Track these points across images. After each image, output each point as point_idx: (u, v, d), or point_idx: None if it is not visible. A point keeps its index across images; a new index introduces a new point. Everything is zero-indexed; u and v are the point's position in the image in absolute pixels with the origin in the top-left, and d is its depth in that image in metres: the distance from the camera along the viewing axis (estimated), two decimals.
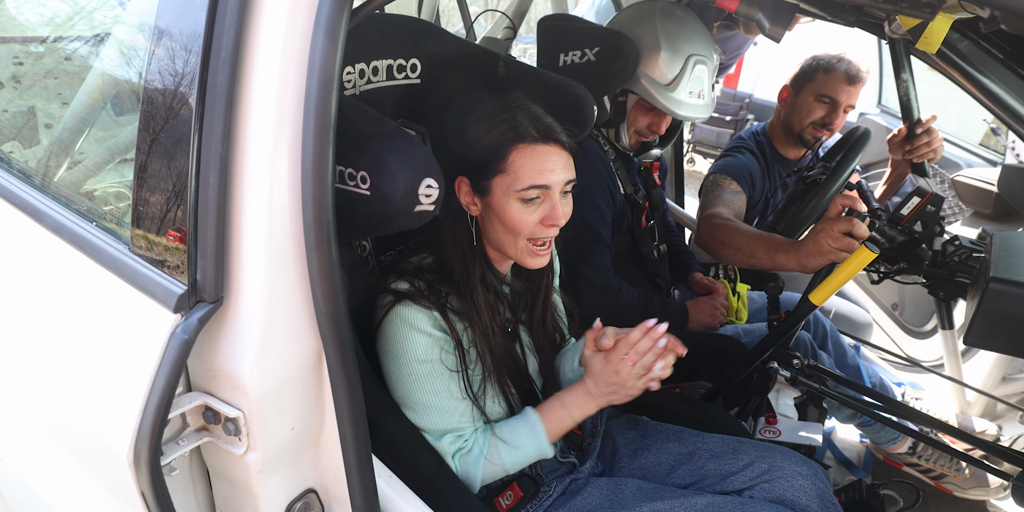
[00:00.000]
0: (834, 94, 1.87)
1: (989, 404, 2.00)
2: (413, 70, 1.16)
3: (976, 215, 2.34)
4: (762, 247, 1.47)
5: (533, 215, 0.99)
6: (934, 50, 1.12)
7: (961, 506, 1.88)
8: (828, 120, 1.90)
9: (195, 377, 0.78)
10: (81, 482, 0.91)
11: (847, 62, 1.88)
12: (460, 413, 1.01)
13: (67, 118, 1.23)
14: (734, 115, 5.44)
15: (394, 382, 1.00)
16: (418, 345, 0.97)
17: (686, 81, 1.53)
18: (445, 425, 1.00)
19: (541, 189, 0.97)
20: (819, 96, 1.89)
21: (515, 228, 0.99)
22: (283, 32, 0.67)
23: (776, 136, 2.04)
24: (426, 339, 0.98)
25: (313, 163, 0.68)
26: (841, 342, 1.86)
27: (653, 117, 1.59)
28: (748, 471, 1.09)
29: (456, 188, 1.01)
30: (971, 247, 1.34)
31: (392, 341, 0.98)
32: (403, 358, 0.98)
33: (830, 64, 1.89)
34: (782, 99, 2.00)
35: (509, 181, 0.97)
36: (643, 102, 1.57)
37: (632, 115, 1.60)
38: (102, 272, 0.80)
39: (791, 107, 1.96)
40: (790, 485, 1.06)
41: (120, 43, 1.05)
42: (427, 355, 0.98)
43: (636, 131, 1.62)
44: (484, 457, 1.02)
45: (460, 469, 1.02)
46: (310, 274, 0.72)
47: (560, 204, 1.00)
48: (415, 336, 0.97)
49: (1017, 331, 1.03)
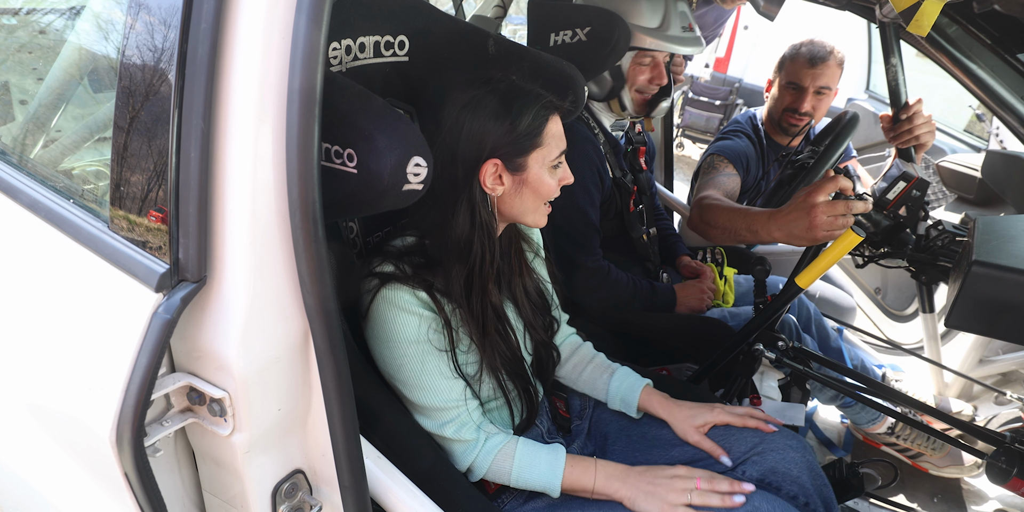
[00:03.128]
0: (798, 80, 1.92)
1: (966, 385, 2.05)
2: (401, 47, 1.13)
3: (960, 200, 2.37)
4: (743, 223, 1.46)
5: (555, 178, 1.06)
6: (925, 33, 1.12)
7: (936, 484, 1.94)
8: (796, 105, 1.95)
9: (179, 358, 0.77)
10: (64, 465, 0.90)
11: (811, 45, 1.91)
12: (453, 392, 1.01)
13: (42, 94, 1.20)
14: (724, 100, 5.44)
15: (385, 364, 1.00)
16: (407, 326, 0.97)
17: (674, 17, 1.55)
18: (439, 403, 1.00)
19: (562, 154, 1.05)
20: (787, 84, 1.95)
21: (547, 194, 1.05)
22: (265, 2, 0.64)
23: (767, 125, 2.09)
24: (414, 320, 0.97)
25: (298, 140, 0.66)
26: (825, 325, 1.89)
27: (651, 70, 1.59)
28: (740, 445, 1.11)
29: (480, 175, 0.98)
30: (954, 231, 1.36)
31: (380, 323, 0.98)
32: (393, 340, 0.98)
33: (795, 50, 1.93)
34: (767, 90, 2.05)
35: (544, 153, 1.02)
36: (639, 58, 1.56)
37: (631, 75, 1.59)
38: (81, 250, 0.78)
39: (771, 98, 2.01)
40: (781, 457, 1.08)
41: (96, 16, 1.02)
42: (416, 336, 0.98)
43: (637, 90, 1.61)
44: (496, 453, 1.02)
45: (458, 453, 1.02)
46: (296, 253, 0.71)
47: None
48: (403, 317, 0.97)
49: (997, 313, 1.05)
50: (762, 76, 5.32)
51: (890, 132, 1.78)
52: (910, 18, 1.10)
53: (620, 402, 1.21)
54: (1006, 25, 1.50)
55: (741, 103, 5.48)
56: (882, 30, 1.69)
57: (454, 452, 1.02)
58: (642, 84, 1.60)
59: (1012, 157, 2.11)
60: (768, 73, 2.07)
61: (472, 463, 1.02)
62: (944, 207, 2.32)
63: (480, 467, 1.03)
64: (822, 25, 3.21)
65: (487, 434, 1.04)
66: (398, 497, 0.89)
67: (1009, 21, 1.47)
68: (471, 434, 1.02)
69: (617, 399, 1.21)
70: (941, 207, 2.29)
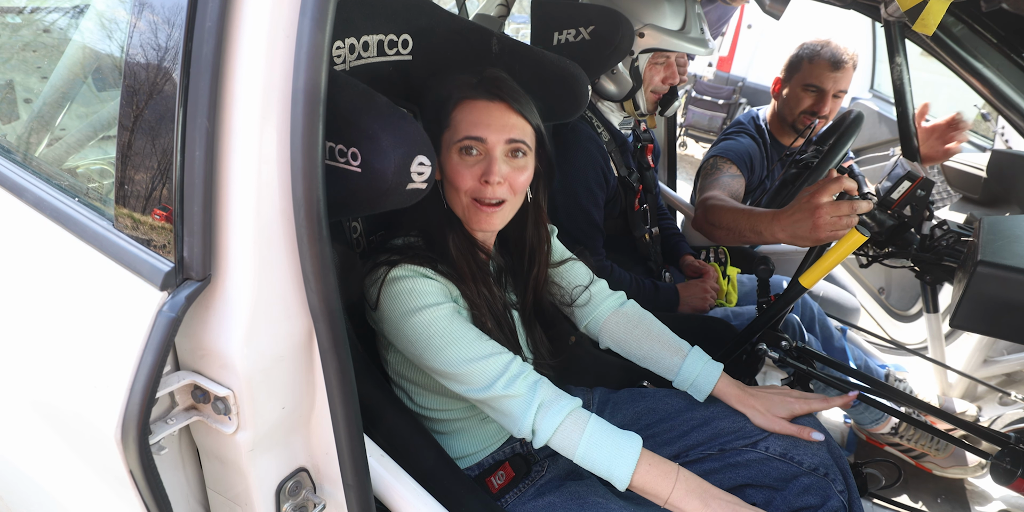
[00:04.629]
0: (819, 83, 1.90)
1: (970, 386, 2.05)
2: (405, 46, 1.13)
3: (965, 200, 2.36)
4: (747, 224, 1.46)
5: (472, 169, 0.99)
6: (931, 32, 1.11)
7: (940, 484, 1.93)
8: (817, 108, 1.93)
9: (183, 356, 0.77)
10: (69, 462, 0.90)
11: (831, 48, 1.90)
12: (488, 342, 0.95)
13: (47, 93, 1.20)
14: (727, 99, 5.42)
15: (409, 342, 0.94)
16: (425, 291, 0.95)
17: (693, 19, 1.57)
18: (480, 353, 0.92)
19: (476, 142, 0.98)
20: (806, 86, 1.92)
21: (455, 182, 1.00)
22: (270, 1, 0.64)
23: (773, 125, 2.07)
24: (431, 284, 0.96)
25: (302, 138, 0.66)
26: (828, 325, 1.89)
27: (666, 69, 1.62)
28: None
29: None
30: (959, 231, 1.35)
31: (397, 298, 0.94)
32: (414, 309, 0.93)
33: (814, 52, 1.90)
34: (775, 91, 2.03)
35: (450, 134, 1.00)
36: (655, 58, 1.58)
37: (647, 76, 1.60)
38: (86, 249, 0.78)
39: (783, 98, 1.99)
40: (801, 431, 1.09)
41: (100, 14, 1.02)
42: (436, 297, 0.95)
43: (652, 90, 1.63)
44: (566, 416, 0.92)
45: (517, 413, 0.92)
46: (300, 252, 0.71)
47: (501, 163, 0.99)
48: (420, 283, 0.95)
49: (1002, 314, 1.04)
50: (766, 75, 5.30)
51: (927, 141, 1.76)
52: (915, 17, 1.10)
53: (691, 386, 1.18)
54: (1012, 24, 1.50)
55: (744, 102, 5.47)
56: (887, 29, 1.69)
57: (512, 412, 0.92)
58: (656, 84, 1.62)
59: (1018, 157, 2.10)
60: (772, 72, 2.06)
61: (535, 423, 0.92)
62: (949, 207, 2.31)
63: (545, 430, 0.92)
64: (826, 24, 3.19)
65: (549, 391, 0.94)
66: (401, 495, 0.89)
67: (1015, 20, 1.46)
68: (525, 387, 0.92)
69: (687, 383, 1.18)
70: (946, 207, 2.28)
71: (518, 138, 1.00)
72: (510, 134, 1.00)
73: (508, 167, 1.00)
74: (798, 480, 1.08)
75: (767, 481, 1.10)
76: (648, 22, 1.51)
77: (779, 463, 1.09)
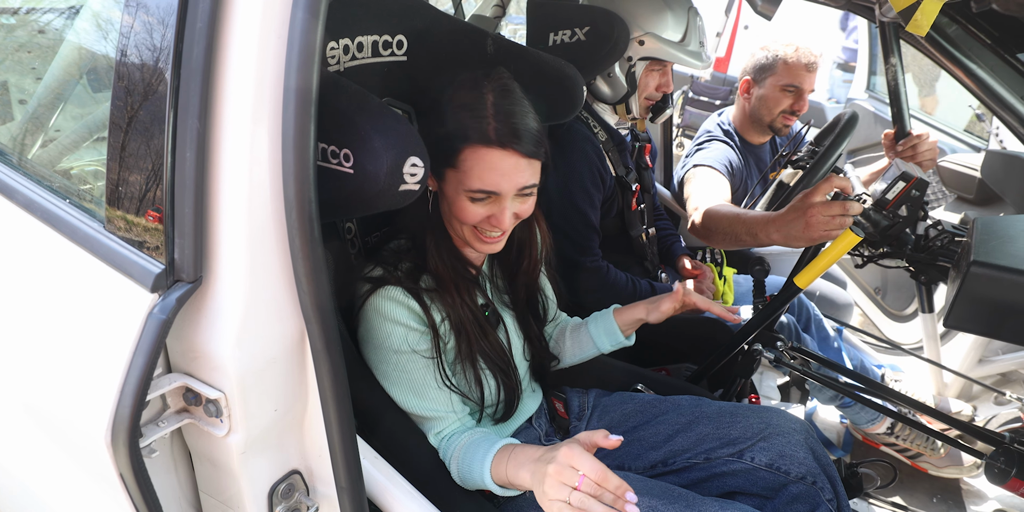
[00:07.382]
0: (798, 83, 1.94)
1: (965, 386, 2.05)
2: (399, 47, 1.13)
3: (959, 200, 2.37)
4: (743, 227, 1.47)
5: (481, 209, 0.97)
6: (924, 32, 1.11)
7: (936, 484, 1.94)
8: (797, 107, 1.98)
9: (175, 358, 0.77)
10: (61, 465, 0.90)
11: (805, 50, 1.95)
12: (439, 402, 1.01)
13: (41, 93, 1.19)
14: (724, 99, 5.43)
15: (374, 368, 1.01)
16: (392, 336, 0.97)
17: (692, 33, 1.57)
18: (425, 412, 1.00)
19: (490, 194, 0.95)
20: (785, 86, 1.95)
21: (460, 217, 0.98)
22: (262, 2, 0.64)
23: (742, 126, 2.09)
24: (401, 330, 0.97)
25: (294, 140, 0.66)
26: (824, 325, 1.89)
27: (660, 77, 1.63)
28: (746, 430, 1.12)
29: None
30: (953, 232, 1.35)
31: (369, 330, 0.99)
32: (380, 348, 0.99)
33: (788, 54, 1.94)
34: (744, 92, 2.04)
35: (460, 178, 0.94)
36: (652, 65, 1.59)
37: (643, 83, 1.61)
38: (77, 251, 0.78)
39: (757, 99, 2.01)
40: (787, 441, 1.10)
41: (95, 15, 1.01)
42: (401, 346, 0.98)
43: (646, 96, 1.64)
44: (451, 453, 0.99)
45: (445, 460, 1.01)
46: (292, 254, 0.71)
47: (511, 206, 0.97)
48: (389, 327, 0.97)
49: (996, 314, 1.05)
50: None
51: (890, 150, 1.77)
52: (909, 17, 1.10)
53: (606, 337, 1.24)
54: (1006, 24, 1.50)
55: None
56: (881, 30, 1.69)
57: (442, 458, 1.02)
58: (650, 91, 1.63)
59: (1012, 157, 2.11)
60: None
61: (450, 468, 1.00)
62: (943, 207, 2.32)
63: (453, 472, 0.99)
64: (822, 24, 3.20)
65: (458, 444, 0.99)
66: (395, 498, 0.89)
67: (1009, 20, 1.46)
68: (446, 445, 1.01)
69: (602, 337, 1.24)
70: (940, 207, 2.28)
71: (530, 184, 0.97)
72: (525, 181, 0.96)
73: (517, 204, 0.98)
74: (786, 489, 1.09)
75: (756, 490, 1.11)
76: (650, 31, 1.52)
77: (766, 473, 1.10)
